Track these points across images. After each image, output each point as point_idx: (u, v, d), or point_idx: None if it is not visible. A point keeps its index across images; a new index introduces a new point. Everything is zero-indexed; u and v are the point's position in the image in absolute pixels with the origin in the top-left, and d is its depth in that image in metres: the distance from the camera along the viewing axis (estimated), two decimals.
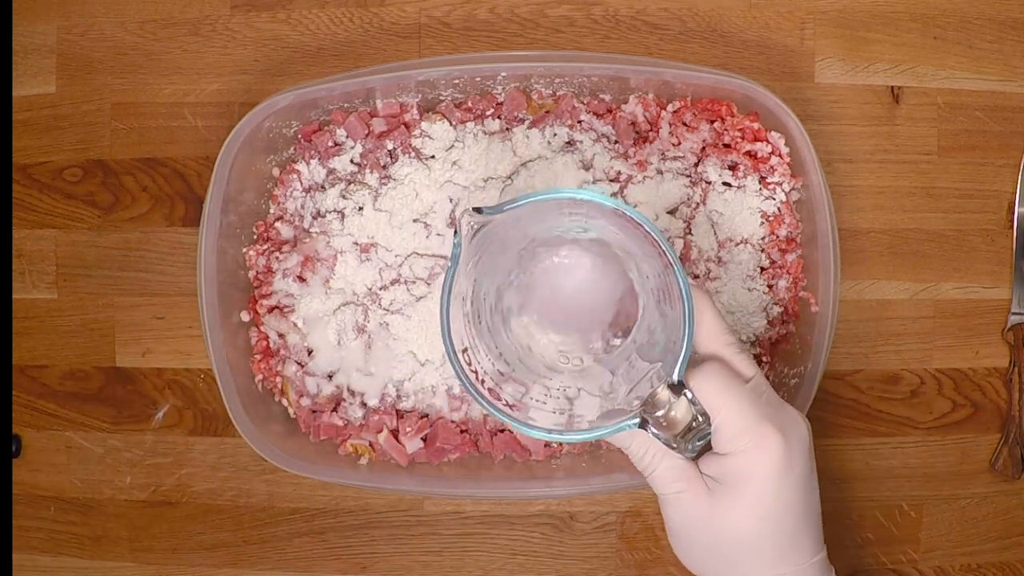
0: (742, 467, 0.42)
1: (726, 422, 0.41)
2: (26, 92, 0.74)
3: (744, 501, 0.42)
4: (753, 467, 0.42)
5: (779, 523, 0.42)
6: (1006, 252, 0.69)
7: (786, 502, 0.42)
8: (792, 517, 0.42)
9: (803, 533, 0.43)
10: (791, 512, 0.42)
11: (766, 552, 0.43)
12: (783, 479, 0.42)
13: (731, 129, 0.64)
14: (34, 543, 0.74)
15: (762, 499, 0.42)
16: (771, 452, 0.41)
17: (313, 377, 0.67)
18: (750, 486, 0.42)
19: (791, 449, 0.42)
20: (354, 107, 0.67)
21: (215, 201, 0.63)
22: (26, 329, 0.74)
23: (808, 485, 0.43)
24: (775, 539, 0.42)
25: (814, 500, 0.44)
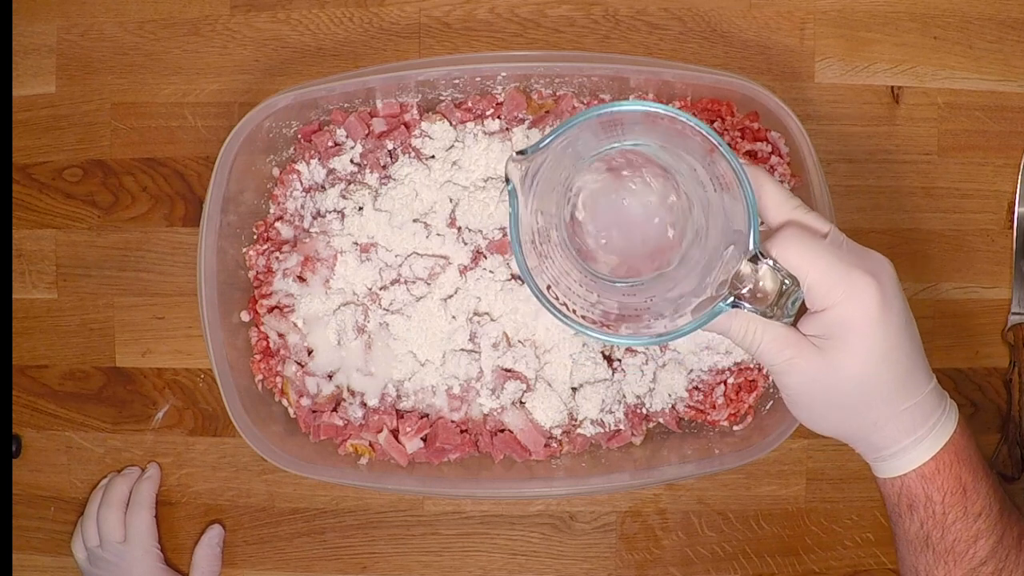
0: (844, 317, 0.42)
1: (816, 279, 0.42)
2: (26, 92, 0.74)
3: (854, 349, 0.43)
4: (854, 315, 0.42)
5: (892, 361, 0.43)
6: (1006, 252, 0.69)
7: (894, 339, 0.43)
8: (902, 353, 0.43)
9: (915, 365, 0.44)
10: (900, 348, 0.43)
11: (886, 391, 0.43)
12: (885, 319, 0.42)
13: (731, 129, 0.64)
14: (34, 543, 0.74)
15: (871, 342, 0.42)
16: (867, 296, 0.42)
17: (313, 377, 0.67)
18: (856, 334, 0.42)
19: (885, 289, 0.43)
20: (354, 107, 0.67)
21: (215, 201, 0.63)
22: (26, 329, 0.74)
23: (908, 318, 0.44)
24: (892, 376, 0.43)
25: (915, 331, 0.45)
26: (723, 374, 0.65)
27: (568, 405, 0.65)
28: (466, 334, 0.64)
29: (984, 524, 0.45)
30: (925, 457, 0.44)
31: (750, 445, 0.63)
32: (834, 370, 0.43)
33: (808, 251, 0.42)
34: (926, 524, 0.45)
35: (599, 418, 0.65)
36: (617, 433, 0.65)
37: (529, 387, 0.65)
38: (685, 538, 0.70)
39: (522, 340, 0.65)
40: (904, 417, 0.44)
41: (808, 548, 0.70)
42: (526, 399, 0.65)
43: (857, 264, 0.43)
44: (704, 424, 0.66)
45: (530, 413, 0.65)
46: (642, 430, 0.66)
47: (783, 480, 0.70)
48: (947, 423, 0.45)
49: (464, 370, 0.64)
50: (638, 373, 0.64)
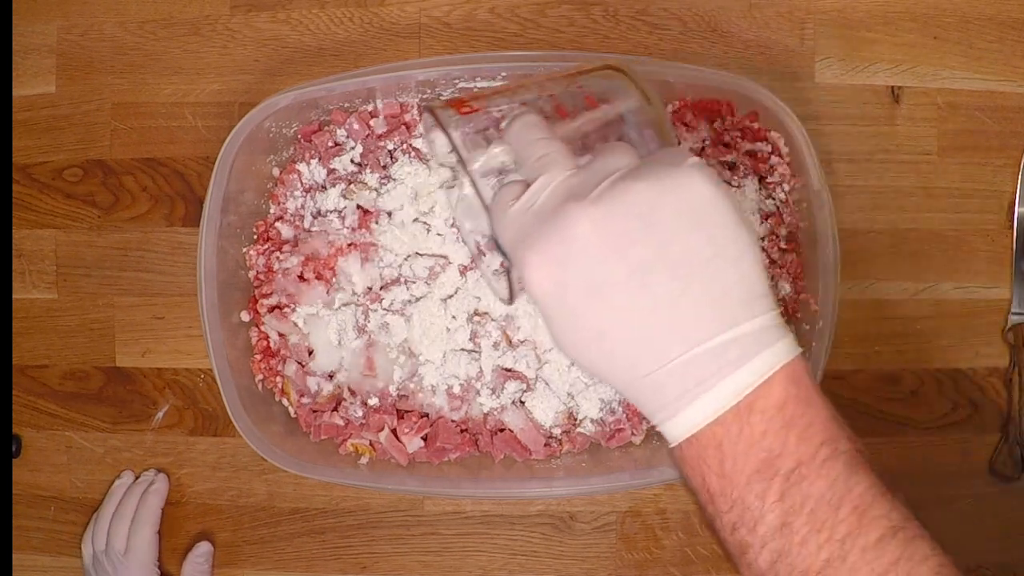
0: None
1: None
2: (26, 92, 0.74)
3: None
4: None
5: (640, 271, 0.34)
6: (1006, 252, 0.69)
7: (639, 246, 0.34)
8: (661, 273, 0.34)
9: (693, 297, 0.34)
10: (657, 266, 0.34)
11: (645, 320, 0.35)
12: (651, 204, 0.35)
13: (731, 129, 0.64)
14: (34, 543, 0.74)
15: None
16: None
17: (314, 377, 0.67)
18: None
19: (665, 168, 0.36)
20: (354, 107, 0.67)
21: (215, 201, 0.63)
22: (26, 329, 0.74)
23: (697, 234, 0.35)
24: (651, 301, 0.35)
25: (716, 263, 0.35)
26: None
27: (568, 405, 0.65)
28: (466, 334, 0.64)
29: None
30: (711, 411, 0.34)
31: None
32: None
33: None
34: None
35: (599, 417, 0.65)
36: (617, 432, 0.65)
37: (529, 387, 0.65)
38: (685, 538, 0.70)
39: (522, 340, 0.65)
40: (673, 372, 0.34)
41: None
42: (526, 399, 0.65)
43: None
44: None
45: (530, 412, 0.65)
46: (642, 429, 0.66)
47: None
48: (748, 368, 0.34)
49: (464, 370, 0.64)
50: None
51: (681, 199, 0.35)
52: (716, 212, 0.35)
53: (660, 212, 0.35)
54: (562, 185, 0.37)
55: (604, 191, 0.35)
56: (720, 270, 0.35)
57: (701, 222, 0.35)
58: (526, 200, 0.37)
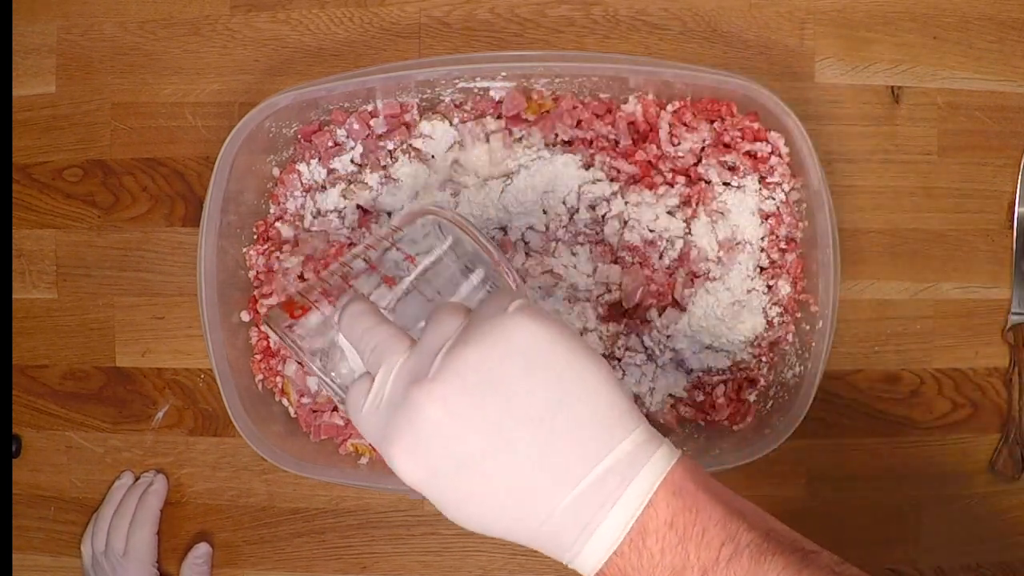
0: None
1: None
2: (26, 92, 0.74)
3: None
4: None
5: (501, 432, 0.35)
6: (1006, 252, 0.69)
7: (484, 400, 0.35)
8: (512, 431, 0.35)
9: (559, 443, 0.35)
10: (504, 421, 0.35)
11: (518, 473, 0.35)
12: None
13: (731, 129, 0.64)
14: (34, 543, 0.74)
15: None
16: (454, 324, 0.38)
17: (314, 377, 0.66)
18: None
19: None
20: (354, 107, 0.67)
21: (215, 201, 0.63)
22: (26, 329, 0.74)
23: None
24: (517, 456, 0.35)
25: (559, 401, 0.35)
26: (723, 374, 0.65)
27: None
28: None
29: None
30: (610, 545, 0.35)
31: (750, 445, 0.62)
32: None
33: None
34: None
35: None
36: None
37: None
38: None
39: None
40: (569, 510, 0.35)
41: None
42: None
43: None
44: (704, 424, 0.66)
45: None
46: None
47: (783, 480, 0.70)
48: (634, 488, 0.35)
49: None
50: (638, 373, 0.64)
51: (511, 352, 0.35)
52: (549, 353, 0.36)
53: (495, 372, 0.35)
54: (402, 370, 0.37)
55: (440, 367, 0.36)
56: (572, 408, 0.35)
57: (537, 368, 0.35)
58: (374, 396, 0.38)
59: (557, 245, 0.64)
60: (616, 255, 0.64)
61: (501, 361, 0.35)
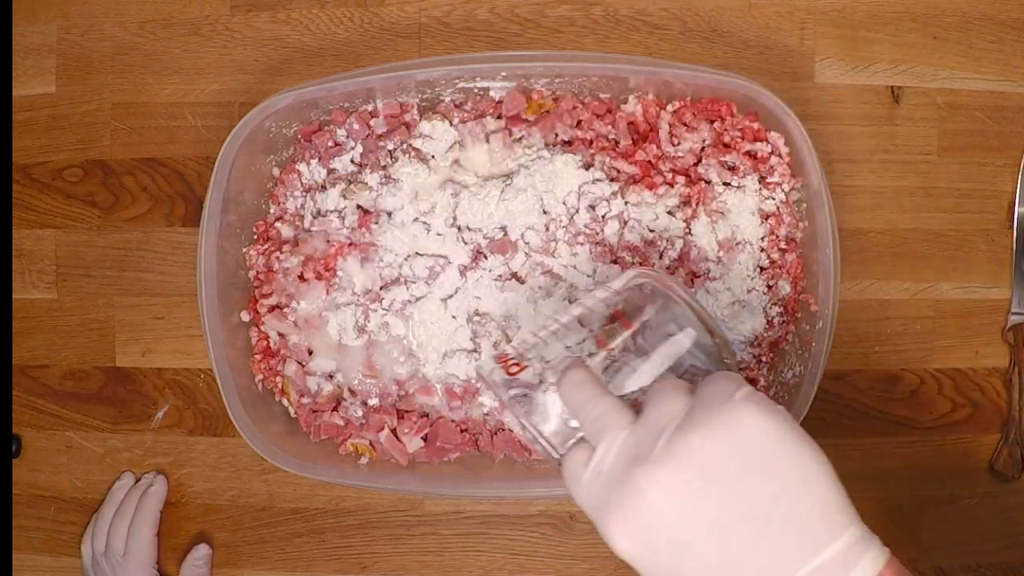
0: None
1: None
2: (26, 92, 0.74)
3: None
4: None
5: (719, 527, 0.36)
6: (1006, 252, 0.69)
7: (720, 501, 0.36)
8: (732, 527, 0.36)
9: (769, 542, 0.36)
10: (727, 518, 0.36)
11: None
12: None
13: (731, 129, 0.64)
14: (34, 543, 0.74)
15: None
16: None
17: (313, 377, 0.67)
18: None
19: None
20: (354, 107, 0.67)
21: (215, 201, 0.63)
22: (26, 329, 0.74)
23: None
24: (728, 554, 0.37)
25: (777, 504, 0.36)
26: None
27: None
28: (466, 334, 0.64)
29: None
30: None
31: None
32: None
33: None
34: None
35: None
36: None
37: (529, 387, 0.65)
38: None
39: None
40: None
41: None
42: None
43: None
44: None
45: None
46: None
47: None
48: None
49: (464, 370, 0.64)
50: None
51: (736, 443, 0.36)
52: (775, 445, 0.36)
53: (720, 461, 0.36)
54: (623, 447, 0.38)
55: (663, 450, 0.36)
56: (790, 505, 0.36)
57: (761, 461, 0.36)
58: (594, 467, 0.39)
59: (557, 245, 0.64)
60: (616, 255, 0.64)
61: (726, 452, 0.36)
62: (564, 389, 0.42)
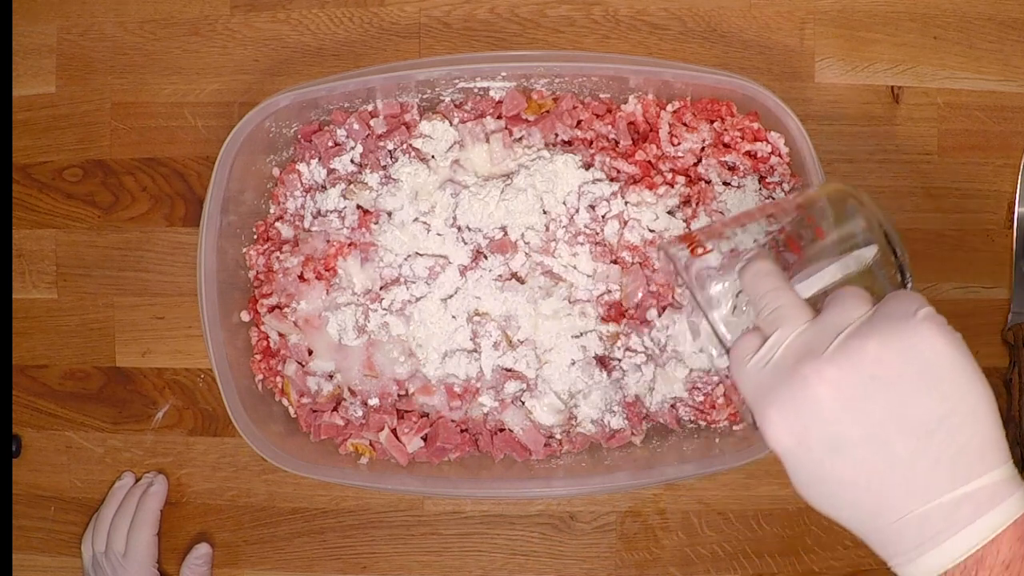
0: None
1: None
2: (26, 92, 0.74)
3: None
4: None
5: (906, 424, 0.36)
6: (1006, 252, 0.69)
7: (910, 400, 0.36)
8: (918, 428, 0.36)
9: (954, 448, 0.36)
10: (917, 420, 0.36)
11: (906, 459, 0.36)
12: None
13: (731, 129, 0.64)
14: (34, 543, 0.74)
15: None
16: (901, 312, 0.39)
17: (313, 377, 0.67)
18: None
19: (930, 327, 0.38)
20: (354, 107, 0.67)
21: (215, 201, 0.63)
22: (26, 329, 0.74)
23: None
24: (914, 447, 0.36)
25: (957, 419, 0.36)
26: (723, 374, 0.65)
27: (568, 405, 0.65)
28: (466, 334, 0.64)
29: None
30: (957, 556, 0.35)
31: (750, 445, 0.63)
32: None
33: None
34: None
35: (599, 418, 0.65)
36: (617, 433, 0.65)
37: (529, 387, 0.65)
38: (685, 538, 0.70)
39: (522, 340, 0.65)
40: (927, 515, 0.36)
41: (808, 548, 0.70)
42: (526, 399, 0.65)
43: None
44: (704, 424, 0.66)
45: (530, 412, 0.65)
46: (642, 429, 0.66)
47: (783, 480, 0.69)
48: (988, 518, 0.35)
49: (464, 370, 0.64)
50: (637, 373, 0.64)
51: (914, 357, 0.36)
52: (950, 369, 0.37)
53: (893, 371, 0.36)
54: (796, 341, 0.38)
55: (837, 349, 0.37)
56: (955, 428, 0.36)
57: (934, 380, 0.36)
58: (763, 355, 0.39)
59: (557, 245, 0.64)
60: (616, 255, 0.64)
61: (900, 364, 0.36)
62: (748, 277, 0.42)
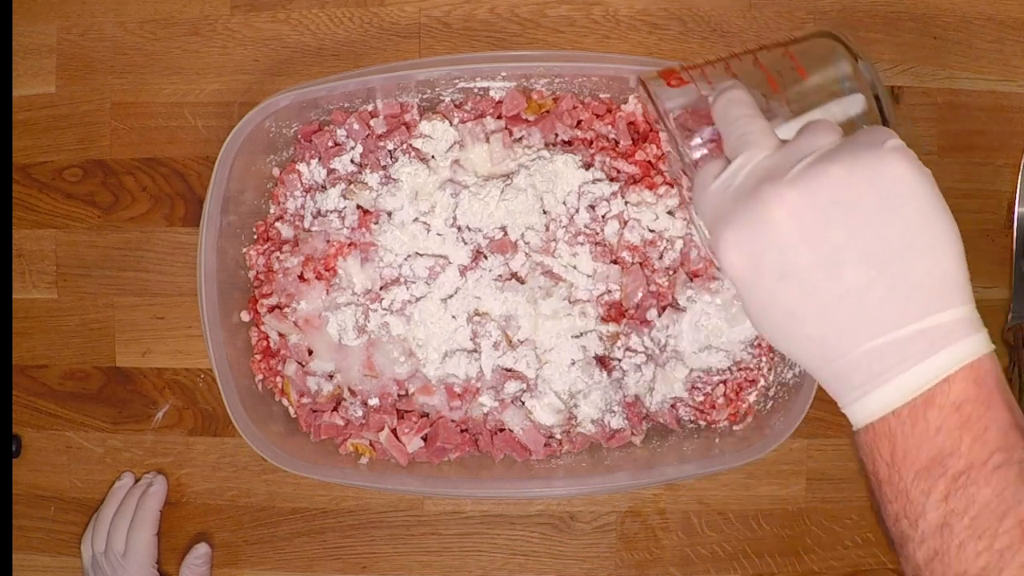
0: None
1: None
2: (26, 92, 0.74)
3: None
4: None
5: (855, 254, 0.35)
6: (1006, 252, 0.69)
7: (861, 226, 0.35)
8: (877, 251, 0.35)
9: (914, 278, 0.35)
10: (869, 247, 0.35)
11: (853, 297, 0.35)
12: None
13: None
14: (34, 543, 0.74)
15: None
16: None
17: (314, 377, 0.67)
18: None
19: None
20: (354, 107, 0.67)
21: (215, 201, 0.63)
22: (26, 329, 0.74)
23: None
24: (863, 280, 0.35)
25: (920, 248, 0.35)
26: (723, 374, 0.65)
27: (568, 405, 0.65)
28: (466, 334, 0.64)
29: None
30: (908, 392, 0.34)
31: (750, 445, 0.63)
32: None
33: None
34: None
35: (599, 418, 0.65)
36: (617, 433, 0.65)
37: (529, 387, 0.65)
38: (685, 538, 0.70)
39: (522, 340, 0.65)
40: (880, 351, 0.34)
41: (808, 548, 0.70)
42: (526, 399, 0.65)
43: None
44: (704, 424, 0.66)
45: (530, 412, 0.65)
46: (642, 429, 0.66)
47: (783, 480, 0.70)
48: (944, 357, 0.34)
49: (464, 370, 0.64)
50: (637, 373, 0.64)
51: (877, 185, 0.35)
52: (913, 199, 0.35)
53: (854, 198, 0.34)
54: (760, 165, 0.37)
55: (800, 173, 0.35)
56: (913, 260, 0.34)
57: (896, 209, 0.35)
58: (725, 178, 0.38)
59: (557, 245, 0.64)
60: (616, 255, 0.64)
61: (863, 191, 0.35)
62: (719, 104, 0.40)
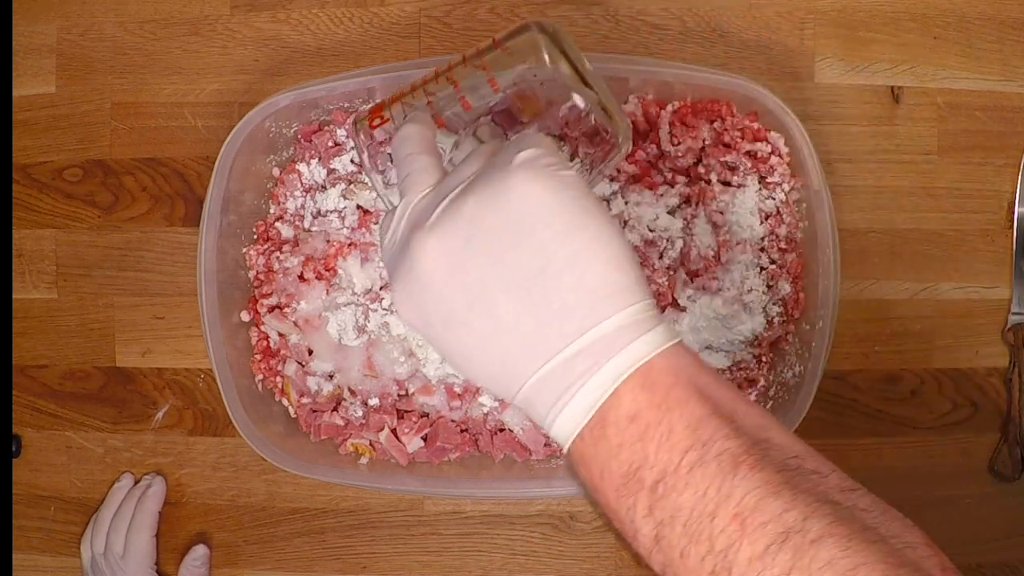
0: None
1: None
2: (26, 92, 0.74)
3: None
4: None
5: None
6: (1006, 252, 0.69)
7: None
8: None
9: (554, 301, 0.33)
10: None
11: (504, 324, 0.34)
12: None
13: (731, 129, 0.64)
14: (34, 543, 0.74)
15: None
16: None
17: (313, 377, 0.67)
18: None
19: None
20: (354, 107, 0.67)
21: (215, 201, 0.63)
22: (26, 329, 0.74)
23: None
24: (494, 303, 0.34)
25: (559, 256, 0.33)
26: (723, 374, 0.65)
27: None
28: None
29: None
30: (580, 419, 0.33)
31: None
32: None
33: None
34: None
35: None
36: None
37: None
38: None
39: None
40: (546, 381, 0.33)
41: None
42: None
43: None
44: None
45: None
46: None
47: None
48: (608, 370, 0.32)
49: None
50: None
51: (504, 210, 0.33)
52: (540, 216, 0.33)
53: (487, 228, 0.33)
54: (416, 208, 0.36)
55: (438, 216, 0.34)
56: (554, 279, 0.33)
57: (527, 231, 0.33)
58: (392, 231, 0.37)
59: None
60: None
61: (493, 221, 0.33)
62: (393, 145, 0.39)
